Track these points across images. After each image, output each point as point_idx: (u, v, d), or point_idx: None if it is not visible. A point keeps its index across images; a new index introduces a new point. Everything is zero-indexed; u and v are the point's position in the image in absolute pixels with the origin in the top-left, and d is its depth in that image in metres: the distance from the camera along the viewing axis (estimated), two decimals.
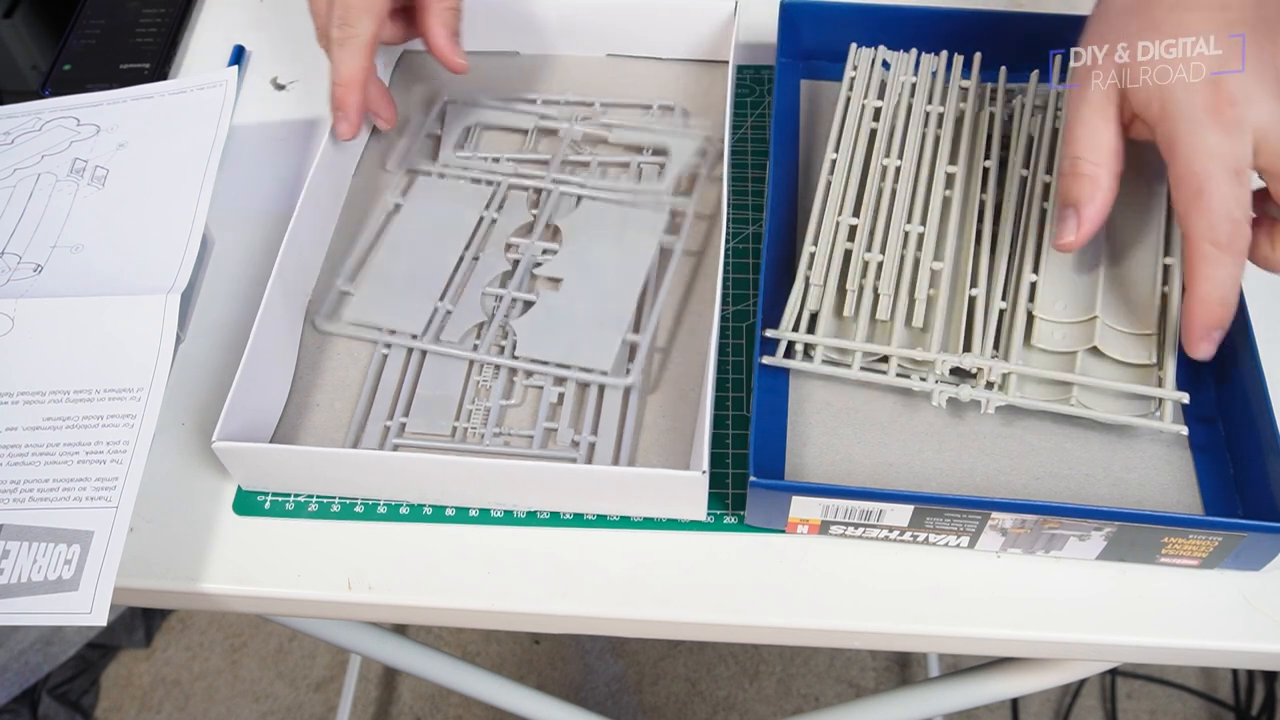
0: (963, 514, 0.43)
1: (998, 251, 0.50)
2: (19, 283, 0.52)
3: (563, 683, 1.22)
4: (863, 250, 0.51)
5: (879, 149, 0.54)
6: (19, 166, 0.57)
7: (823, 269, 0.50)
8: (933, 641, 0.46)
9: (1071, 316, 0.48)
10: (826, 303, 0.49)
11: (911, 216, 0.51)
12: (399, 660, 0.81)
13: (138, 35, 0.67)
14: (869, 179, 0.53)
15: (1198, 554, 0.43)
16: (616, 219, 0.55)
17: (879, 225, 0.51)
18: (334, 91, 0.54)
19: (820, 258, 0.50)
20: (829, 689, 1.21)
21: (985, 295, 0.49)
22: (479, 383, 0.51)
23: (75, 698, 1.18)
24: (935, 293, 0.49)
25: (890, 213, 0.51)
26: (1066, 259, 0.49)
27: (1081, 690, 1.20)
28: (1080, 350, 0.47)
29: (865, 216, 0.52)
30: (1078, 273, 0.49)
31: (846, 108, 0.56)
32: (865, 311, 0.49)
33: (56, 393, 0.48)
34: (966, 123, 0.54)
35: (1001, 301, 0.49)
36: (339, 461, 0.46)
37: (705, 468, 0.43)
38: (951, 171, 0.52)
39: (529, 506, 0.48)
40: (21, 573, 0.43)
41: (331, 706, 1.22)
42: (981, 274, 0.50)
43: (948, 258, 0.50)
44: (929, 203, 0.52)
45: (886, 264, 0.50)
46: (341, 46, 0.53)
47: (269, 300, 0.49)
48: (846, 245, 0.51)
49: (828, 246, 0.51)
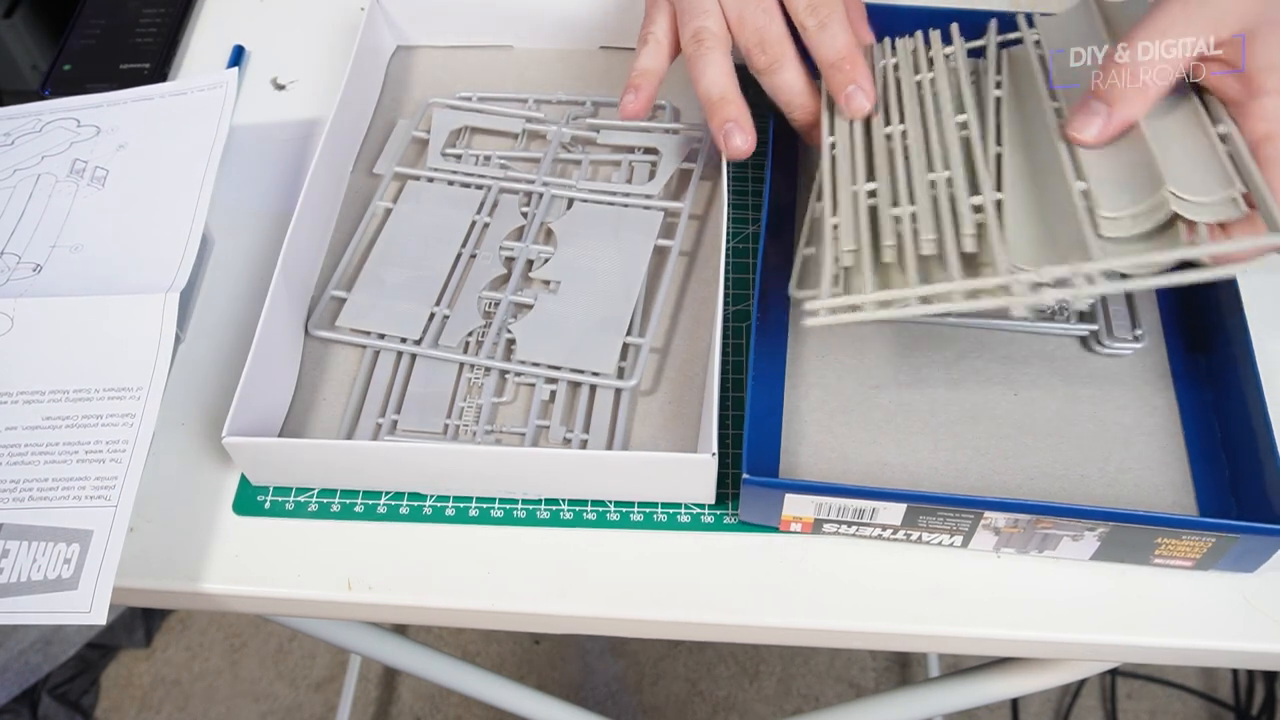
0: (955, 513, 0.43)
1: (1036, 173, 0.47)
2: (18, 282, 0.53)
3: (563, 683, 1.23)
4: (889, 209, 0.46)
5: (877, 122, 0.51)
6: (19, 167, 0.57)
7: (851, 233, 0.46)
8: (932, 642, 0.46)
9: (1137, 203, 0.44)
10: (864, 261, 0.45)
11: (933, 166, 0.47)
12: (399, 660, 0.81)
13: (138, 35, 0.67)
14: (874, 150, 0.50)
15: (1191, 555, 0.44)
16: (610, 220, 0.55)
17: (899, 185, 0.47)
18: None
19: (846, 226, 0.47)
20: (829, 689, 1.22)
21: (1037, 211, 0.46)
22: (471, 380, 0.51)
23: (75, 698, 1.18)
24: (984, 219, 0.45)
25: (908, 170, 0.48)
26: (1105, 158, 0.46)
27: (1081, 690, 1.20)
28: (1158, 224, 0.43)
29: (882, 181, 0.48)
30: (1124, 159, 0.45)
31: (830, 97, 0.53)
32: (911, 258, 0.45)
33: (56, 392, 0.48)
34: (963, 78, 0.52)
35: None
36: (351, 454, 0.46)
37: (714, 449, 0.44)
38: (962, 119, 0.49)
39: (541, 494, 0.48)
40: (21, 572, 0.43)
41: (331, 706, 1.22)
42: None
43: (986, 188, 0.46)
44: (947, 150, 0.48)
45: (921, 211, 0.46)
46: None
47: (273, 298, 0.49)
48: (870, 204, 0.47)
49: (850, 213, 0.47)
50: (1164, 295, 0.53)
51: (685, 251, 0.56)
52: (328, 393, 0.52)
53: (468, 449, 0.46)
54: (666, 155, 0.58)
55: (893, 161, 0.48)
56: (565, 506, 0.48)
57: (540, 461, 0.46)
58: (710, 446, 0.44)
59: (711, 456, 0.44)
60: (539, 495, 0.48)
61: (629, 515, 0.47)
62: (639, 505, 0.48)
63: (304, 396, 0.51)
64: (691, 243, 0.56)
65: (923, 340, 0.51)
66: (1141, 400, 0.49)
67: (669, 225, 0.55)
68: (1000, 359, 0.51)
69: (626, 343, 0.51)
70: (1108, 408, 0.49)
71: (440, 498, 0.48)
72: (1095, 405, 0.49)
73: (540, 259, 0.54)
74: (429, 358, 0.51)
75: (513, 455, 0.46)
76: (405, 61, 0.65)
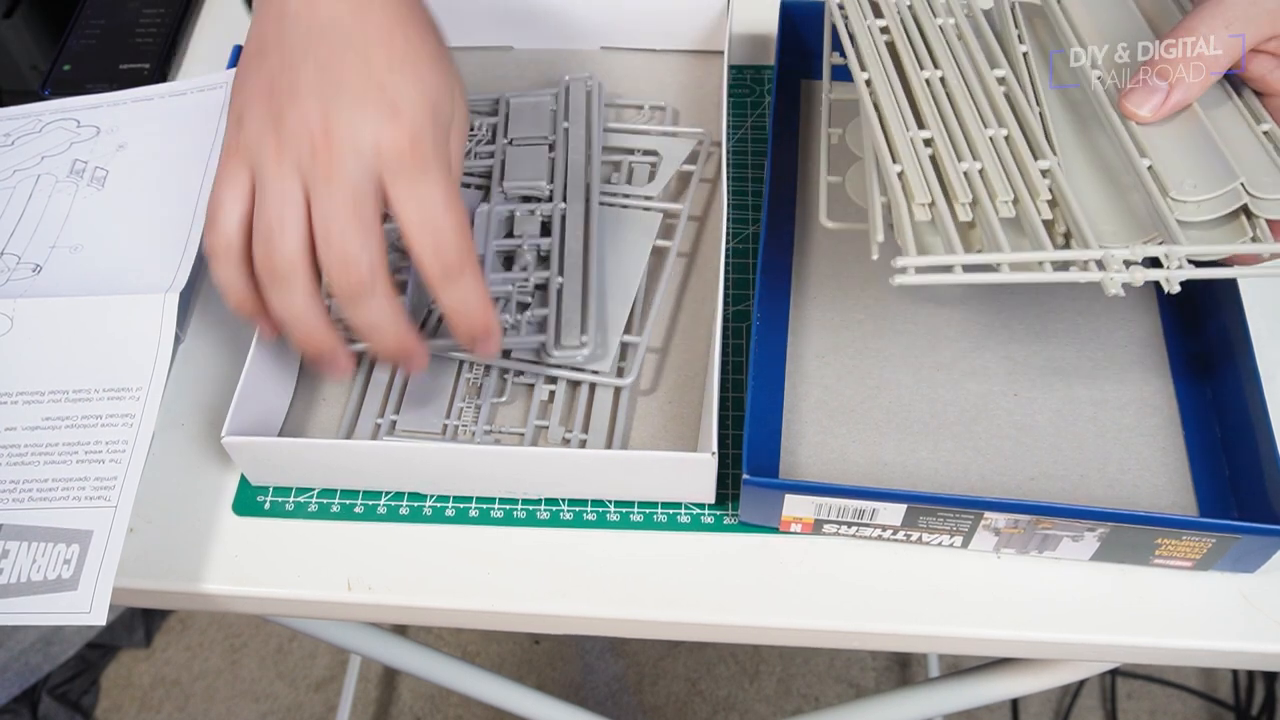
0: (955, 514, 0.43)
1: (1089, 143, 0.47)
2: (18, 283, 0.53)
3: (563, 683, 1.23)
4: (955, 163, 0.44)
5: (909, 62, 0.48)
6: (19, 168, 0.57)
7: (921, 184, 0.43)
8: (932, 642, 0.46)
9: (1211, 190, 0.43)
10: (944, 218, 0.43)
11: (985, 122, 0.46)
12: (399, 660, 0.81)
13: (138, 35, 0.67)
14: (914, 95, 0.47)
15: (1191, 555, 0.43)
16: (610, 221, 0.55)
17: (956, 137, 0.45)
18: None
19: (914, 176, 0.43)
20: (829, 689, 1.22)
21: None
22: (470, 380, 0.51)
23: (75, 698, 1.18)
24: (1056, 185, 0.44)
25: (960, 122, 0.46)
26: (1164, 139, 0.45)
27: (1081, 690, 1.20)
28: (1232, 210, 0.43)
29: (935, 130, 0.45)
30: (1186, 144, 0.45)
31: (849, 26, 0.50)
32: (994, 220, 0.42)
33: (55, 392, 0.48)
34: (984, 28, 0.50)
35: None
36: (351, 454, 0.47)
37: (714, 449, 0.44)
38: (1000, 74, 0.48)
39: (541, 494, 0.48)
40: (21, 572, 0.43)
41: (331, 706, 1.22)
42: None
43: (1045, 151, 0.45)
44: (995, 105, 0.46)
45: (990, 170, 0.44)
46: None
47: None
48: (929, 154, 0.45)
49: (914, 162, 0.44)
50: (1164, 295, 0.52)
51: (685, 252, 0.56)
52: (328, 393, 0.52)
53: (467, 449, 0.46)
54: (666, 157, 0.58)
55: (940, 110, 0.46)
56: (565, 506, 0.48)
57: (540, 461, 0.46)
58: (710, 446, 0.44)
59: (711, 456, 0.44)
60: (539, 495, 0.48)
61: (629, 515, 0.47)
62: (639, 506, 0.48)
63: (304, 396, 0.51)
64: (691, 243, 0.56)
65: (923, 340, 0.51)
66: (1141, 400, 0.49)
67: (668, 227, 0.55)
68: (1000, 359, 0.51)
69: (624, 341, 0.51)
70: (1107, 408, 0.49)
71: (440, 498, 0.48)
72: (1095, 405, 0.49)
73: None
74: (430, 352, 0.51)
75: (512, 455, 0.46)
76: None
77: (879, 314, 0.52)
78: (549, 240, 0.53)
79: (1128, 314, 0.52)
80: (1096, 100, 0.47)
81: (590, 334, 0.50)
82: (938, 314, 0.52)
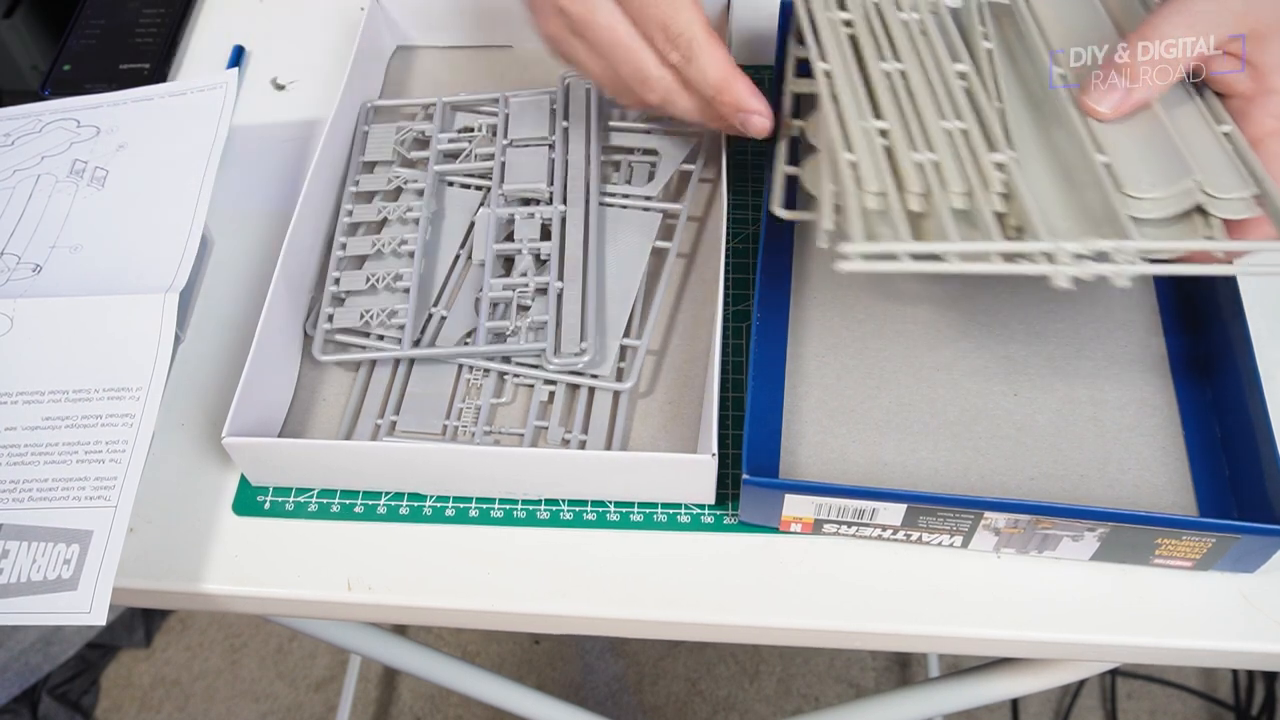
0: (955, 513, 0.43)
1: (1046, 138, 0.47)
2: (18, 283, 0.53)
3: (563, 683, 1.23)
4: (909, 153, 0.44)
5: (871, 54, 0.49)
6: (19, 168, 0.57)
7: (873, 174, 0.43)
8: (932, 642, 0.46)
9: (1165, 187, 0.43)
10: (895, 208, 0.42)
11: (944, 115, 0.46)
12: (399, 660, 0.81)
13: (138, 35, 0.67)
14: (873, 86, 0.47)
15: (1191, 555, 0.43)
16: (610, 222, 0.55)
17: (913, 128, 0.45)
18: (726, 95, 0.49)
19: (866, 165, 0.43)
20: (829, 689, 1.22)
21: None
22: (469, 381, 0.51)
23: (75, 698, 1.18)
24: (1009, 179, 0.44)
25: (918, 114, 0.46)
26: (1121, 135, 0.45)
27: (1081, 690, 1.20)
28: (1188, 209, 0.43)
29: (892, 121, 0.45)
30: (1144, 142, 0.45)
31: (812, 19, 0.51)
32: (945, 210, 0.42)
33: (55, 392, 0.48)
34: (947, 23, 0.51)
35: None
36: (351, 454, 0.47)
37: (714, 450, 0.44)
38: (961, 69, 0.48)
39: (540, 494, 0.48)
40: (21, 572, 0.43)
41: (331, 706, 1.22)
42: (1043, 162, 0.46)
43: (1001, 145, 0.45)
44: (954, 99, 0.47)
45: (945, 161, 0.44)
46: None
47: (273, 298, 0.49)
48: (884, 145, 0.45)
49: (867, 151, 0.44)
50: (1164, 294, 0.53)
51: (684, 253, 0.56)
52: (327, 393, 0.52)
53: (467, 449, 0.46)
54: (666, 156, 0.58)
55: (899, 102, 0.46)
56: (565, 507, 0.48)
57: (539, 461, 0.46)
58: (710, 447, 0.44)
59: (711, 457, 0.44)
60: (538, 495, 0.48)
61: (629, 516, 0.47)
62: (639, 506, 0.48)
63: (304, 396, 0.51)
64: (691, 244, 0.56)
65: (923, 340, 0.51)
66: (1141, 400, 0.49)
67: (668, 227, 0.55)
68: (1000, 359, 0.51)
69: (624, 344, 0.51)
70: (1107, 408, 0.49)
71: (440, 498, 0.48)
72: (1095, 405, 0.49)
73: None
74: (427, 359, 0.51)
75: (512, 455, 0.46)
76: (405, 61, 0.65)
77: (879, 314, 0.52)
78: (549, 244, 0.53)
79: (1128, 314, 0.52)
80: (1057, 97, 0.47)
81: (590, 340, 0.50)
82: (938, 314, 0.52)
